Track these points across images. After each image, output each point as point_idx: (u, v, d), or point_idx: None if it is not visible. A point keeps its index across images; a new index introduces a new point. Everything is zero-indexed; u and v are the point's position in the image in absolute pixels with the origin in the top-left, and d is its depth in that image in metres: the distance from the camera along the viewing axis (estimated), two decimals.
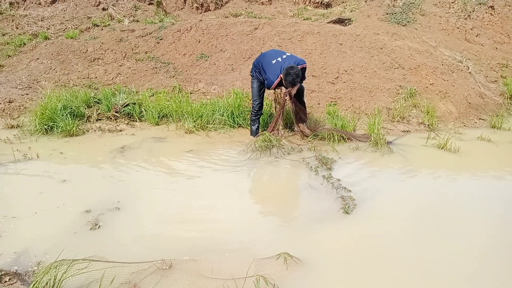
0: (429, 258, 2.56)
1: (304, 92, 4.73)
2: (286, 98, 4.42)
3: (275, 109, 5.10)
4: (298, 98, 4.59)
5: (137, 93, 6.06)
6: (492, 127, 5.62)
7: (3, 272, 2.23)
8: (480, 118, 5.98)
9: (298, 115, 4.71)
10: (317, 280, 2.31)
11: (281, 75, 4.14)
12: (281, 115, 4.65)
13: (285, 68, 4.07)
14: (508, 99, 6.69)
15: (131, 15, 9.47)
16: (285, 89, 4.40)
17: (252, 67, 4.63)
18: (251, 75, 4.69)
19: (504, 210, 3.28)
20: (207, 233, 2.78)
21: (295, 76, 4.03)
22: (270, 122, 5.13)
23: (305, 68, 4.34)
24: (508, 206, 3.37)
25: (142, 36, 7.73)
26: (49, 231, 2.74)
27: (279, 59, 4.27)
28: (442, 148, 4.58)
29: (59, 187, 3.44)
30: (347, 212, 3.07)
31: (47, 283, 2.02)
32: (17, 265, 2.36)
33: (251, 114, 4.80)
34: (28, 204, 3.12)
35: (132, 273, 2.29)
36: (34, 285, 1.99)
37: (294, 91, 4.38)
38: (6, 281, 2.17)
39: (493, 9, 9.00)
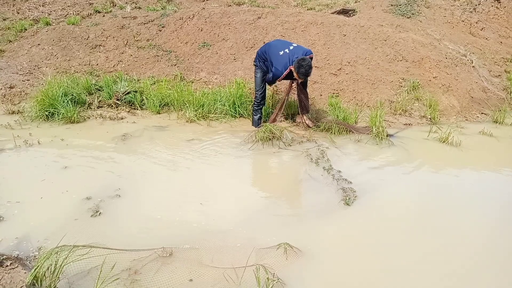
0: (428, 249, 2.58)
1: (308, 83, 4.72)
2: (293, 85, 4.47)
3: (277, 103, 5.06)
4: (303, 87, 4.61)
5: (138, 81, 6.03)
6: (494, 122, 5.59)
7: (4, 257, 2.24)
8: (482, 113, 5.95)
9: (302, 103, 4.71)
10: (316, 270, 2.32)
11: (291, 67, 4.14)
12: (283, 105, 4.64)
13: (297, 61, 4.08)
14: (511, 94, 6.64)
15: (133, 2, 9.34)
16: (290, 81, 4.44)
17: (256, 56, 4.60)
18: (254, 65, 4.66)
19: (504, 204, 3.29)
20: (208, 222, 2.80)
21: (308, 67, 4.06)
22: (271, 113, 5.12)
23: (312, 57, 4.34)
24: (507, 200, 3.38)
25: (144, 24, 7.64)
26: (50, 217, 2.75)
27: (286, 50, 4.26)
28: (444, 142, 4.57)
29: (61, 174, 3.45)
30: (348, 204, 3.08)
31: (48, 268, 2.04)
32: (19, 250, 2.37)
33: (254, 104, 4.78)
34: (31, 190, 3.14)
35: (133, 260, 2.30)
36: (35, 270, 2.00)
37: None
38: (7, 266, 2.18)
39: (499, 2, 8.89)
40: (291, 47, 4.28)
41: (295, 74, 4.16)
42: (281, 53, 4.27)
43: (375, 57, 6.48)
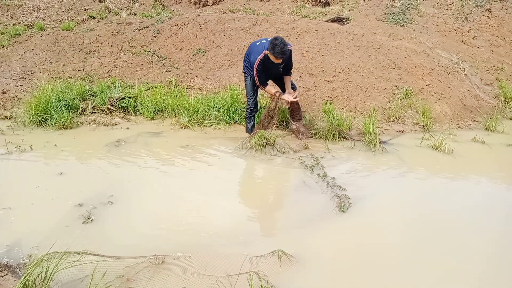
0: (423, 256, 2.58)
1: (292, 70, 4.62)
2: (278, 96, 4.43)
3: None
4: (286, 73, 4.51)
5: (132, 86, 6.02)
6: (486, 129, 5.65)
7: None
8: (474, 120, 6.02)
9: (295, 112, 4.70)
10: (310, 278, 2.31)
11: (266, 51, 4.08)
12: (274, 115, 4.60)
13: (269, 41, 4.00)
14: (503, 101, 6.74)
15: (128, 8, 9.37)
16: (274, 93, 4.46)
17: (243, 63, 4.61)
18: (243, 72, 4.67)
19: (496, 209, 3.32)
20: (201, 229, 2.78)
21: (282, 45, 3.90)
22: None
23: (291, 51, 4.28)
24: (499, 206, 3.41)
25: (139, 30, 7.65)
26: (41, 224, 2.72)
27: (263, 41, 4.27)
28: (436, 149, 4.60)
29: (53, 180, 3.41)
30: (342, 211, 3.08)
31: (38, 276, 2.01)
32: (9, 257, 2.34)
33: (246, 111, 4.79)
34: (22, 196, 3.10)
35: (125, 268, 2.28)
36: (25, 277, 1.96)
37: (290, 97, 4.38)
38: None
39: (490, 12, 9.04)
40: (268, 39, 4.21)
41: (271, 57, 4.04)
42: (258, 43, 4.31)
43: (368, 64, 6.54)
